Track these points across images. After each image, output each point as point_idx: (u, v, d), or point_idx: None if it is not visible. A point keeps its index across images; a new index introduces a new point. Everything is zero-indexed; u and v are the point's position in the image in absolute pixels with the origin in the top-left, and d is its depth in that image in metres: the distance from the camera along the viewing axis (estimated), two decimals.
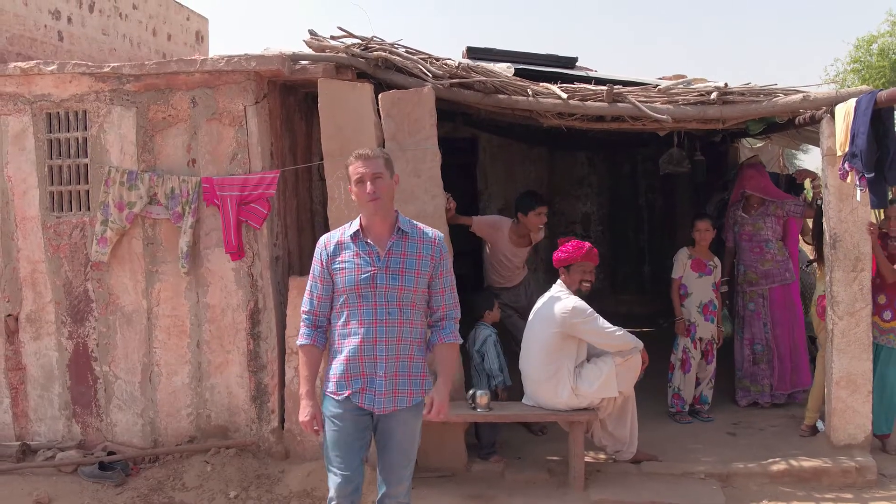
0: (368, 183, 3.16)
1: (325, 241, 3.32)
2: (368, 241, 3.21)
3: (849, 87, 19.44)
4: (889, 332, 5.24)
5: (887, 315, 5.23)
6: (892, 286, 5.20)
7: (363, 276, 3.16)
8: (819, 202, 5.78)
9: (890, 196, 5.25)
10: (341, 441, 3.22)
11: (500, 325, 5.58)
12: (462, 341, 3.42)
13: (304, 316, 3.33)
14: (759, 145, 10.30)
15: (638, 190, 9.98)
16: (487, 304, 5.38)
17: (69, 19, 7.94)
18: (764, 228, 6.16)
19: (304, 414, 3.23)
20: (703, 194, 8.44)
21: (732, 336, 6.43)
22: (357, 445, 3.24)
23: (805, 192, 7.60)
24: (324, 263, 3.26)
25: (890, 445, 5.28)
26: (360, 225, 3.26)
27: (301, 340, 3.31)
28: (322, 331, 3.32)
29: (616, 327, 4.77)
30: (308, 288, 3.33)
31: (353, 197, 3.25)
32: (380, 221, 3.22)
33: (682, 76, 6.51)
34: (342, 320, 3.22)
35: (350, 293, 3.18)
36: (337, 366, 3.22)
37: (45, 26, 7.56)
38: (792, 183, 7.24)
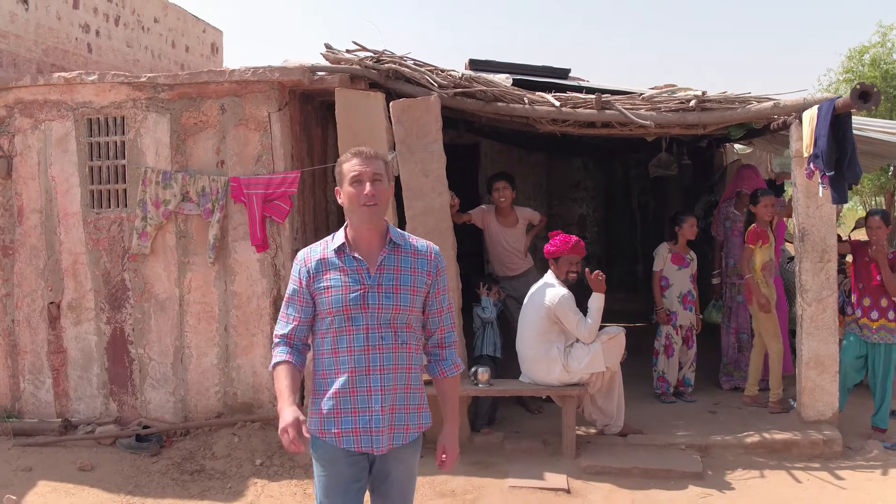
0: (367, 184, 2.73)
1: (305, 257, 2.86)
2: (356, 255, 2.78)
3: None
4: (881, 329, 5.71)
5: (874, 315, 5.71)
6: (874, 289, 5.69)
7: (352, 295, 2.74)
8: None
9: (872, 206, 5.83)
10: (336, 488, 2.81)
11: (502, 313, 6.12)
12: (464, 367, 3.18)
13: (277, 339, 2.87)
14: (747, 151, 10.86)
15: (631, 193, 10.53)
16: (483, 281, 6.00)
17: (97, 32, 8.48)
18: None
19: (285, 419, 2.62)
20: (692, 196, 8.98)
21: (720, 324, 6.95)
22: (355, 489, 2.83)
23: (785, 192, 8.14)
24: (304, 283, 2.82)
25: None
26: (346, 237, 2.83)
27: (276, 359, 2.82)
28: (300, 352, 2.86)
29: (588, 322, 5.26)
30: (283, 309, 2.89)
31: (342, 200, 2.80)
32: (369, 232, 2.79)
33: (673, 86, 7.05)
34: (327, 347, 2.79)
35: (337, 315, 2.75)
36: (324, 401, 2.79)
37: (76, 39, 8.11)
38: (772, 184, 7.76)
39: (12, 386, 6.04)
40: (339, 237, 2.84)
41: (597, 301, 5.33)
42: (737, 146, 10.87)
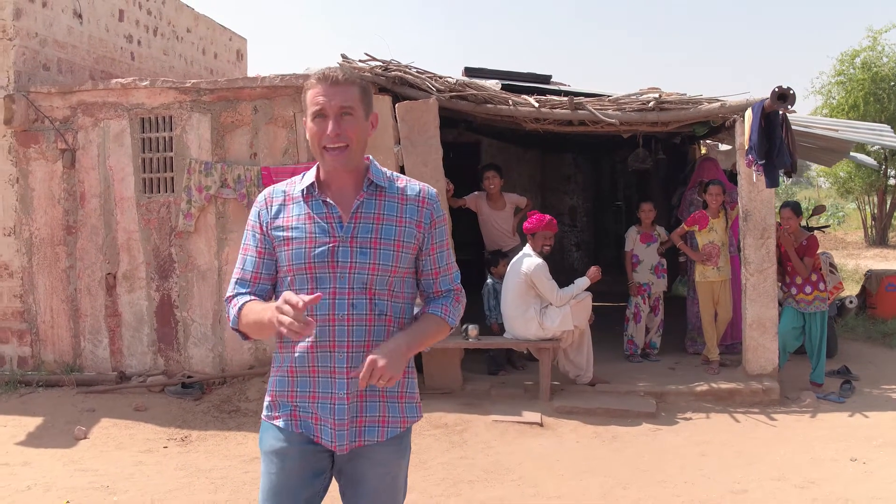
0: (330, 121, 2.16)
1: (267, 197, 2.32)
2: (327, 199, 2.24)
3: (834, 98, 20.87)
4: (815, 300, 6.72)
5: (808, 290, 6.71)
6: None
7: (318, 249, 2.20)
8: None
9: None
10: (281, 489, 2.25)
11: None
12: (455, 326, 2.41)
13: (234, 297, 2.27)
14: (727, 149, 11.83)
15: (617, 186, 11.55)
16: (494, 261, 6.99)
17: (139, 42, 9.56)
18: None
19: (275, 312, 2.00)
20: (670, 188, 9.96)
21: (686, 297, 7.94)
22: (304, 497, 2.26)
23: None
24: (263, 228, 2.28)
25: None
26: (317, 177, 2.28)
27: (240, 301, 2.24)
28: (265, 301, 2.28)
29: (559, 290, 6.25)
30: (239, 264, 2.32)
31: (308, 136, 2.24)
32: (343, 172, 2.24)
33: (656, 89, 8.04)
34: None
35: (299, 275, 2.21)
36: (277, 379, 2.29)
37: (121, 48, 9.19)
38: (732, 175, 8.74)
39: (74, 345, 7.11)
40: (310, 175, 2.29)
41: (583, 282, 6.32)
42: (721, 145, 11.85)
